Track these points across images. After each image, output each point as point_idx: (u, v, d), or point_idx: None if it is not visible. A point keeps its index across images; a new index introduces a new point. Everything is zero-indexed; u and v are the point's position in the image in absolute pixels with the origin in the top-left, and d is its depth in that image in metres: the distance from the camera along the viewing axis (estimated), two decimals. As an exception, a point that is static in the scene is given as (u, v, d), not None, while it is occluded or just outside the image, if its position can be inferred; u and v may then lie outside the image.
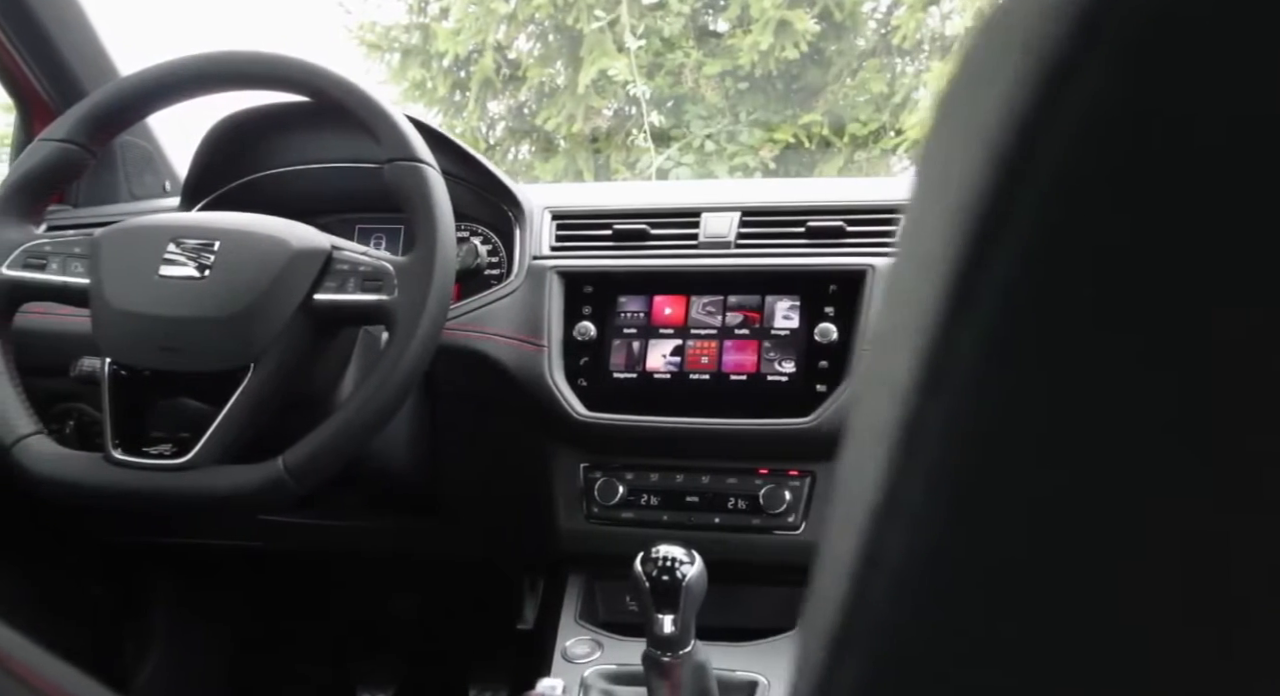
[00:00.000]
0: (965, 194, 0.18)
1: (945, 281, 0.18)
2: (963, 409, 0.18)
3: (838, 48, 4.89)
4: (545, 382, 1.00)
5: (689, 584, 0.80)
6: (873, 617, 0.20)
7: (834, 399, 0.94)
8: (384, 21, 5.09)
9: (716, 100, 4.82)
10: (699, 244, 1.05)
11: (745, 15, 4.76)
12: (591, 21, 4.39)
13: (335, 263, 0.86)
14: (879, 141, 4.74)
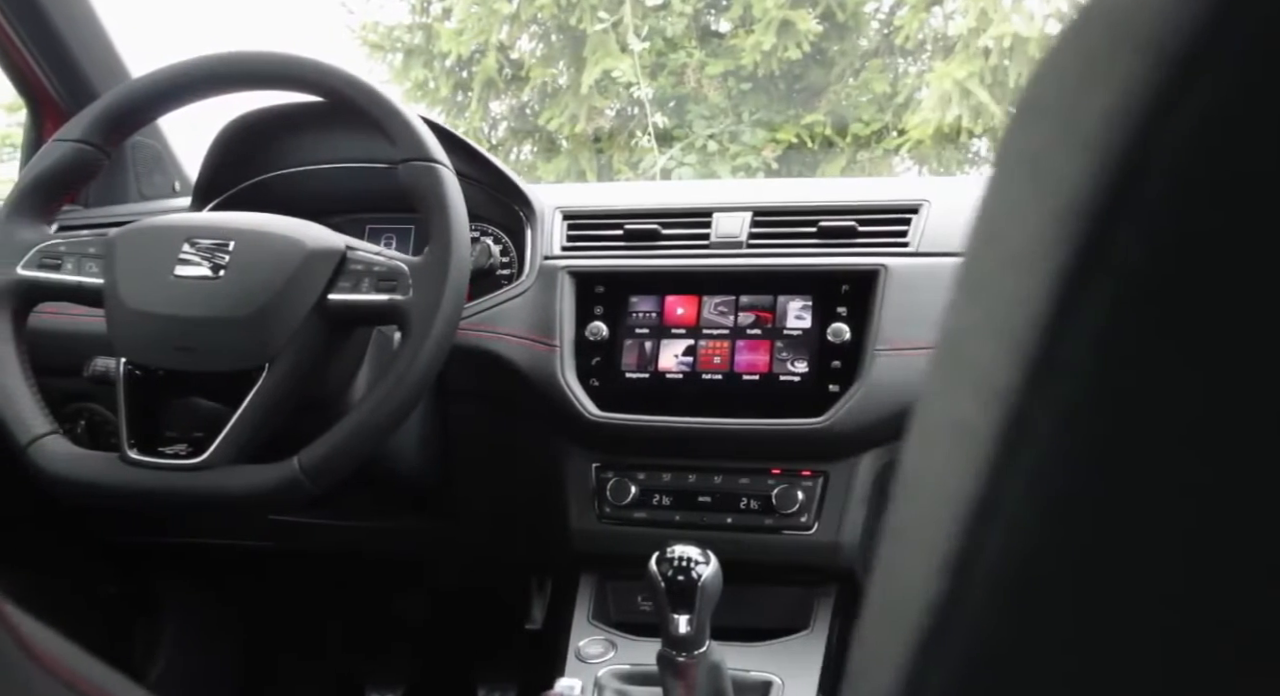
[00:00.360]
0: (1072, 193, 0.18)
1: (1052, 280, 0.18)
2: (1075, 408, 0.18)
3: (840, 48, 4.89)
4: (557, 382, 1.00)
5: (704, 584, 0.80)
6: (966, 619, 0.20)
7: (847, 399, 0.94)
8: (387, 22, 5.10)
9: (719, 100, 4.82)
10: (711, 244, 1.05)
11: (748, 15, 4.76)
12: (595, 23, 4.39)
13: (350, 263, 0.86)
14: (881, 141, 4.74)
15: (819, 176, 4.70)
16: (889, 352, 0.94)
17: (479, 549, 1.21)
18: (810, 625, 0.96)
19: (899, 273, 0.96)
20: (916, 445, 0.24)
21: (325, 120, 1.15)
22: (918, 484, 0.23)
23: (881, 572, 0.25)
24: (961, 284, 0.24)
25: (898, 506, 0.26)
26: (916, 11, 4.45)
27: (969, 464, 0.20)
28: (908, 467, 0.26)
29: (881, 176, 4.72)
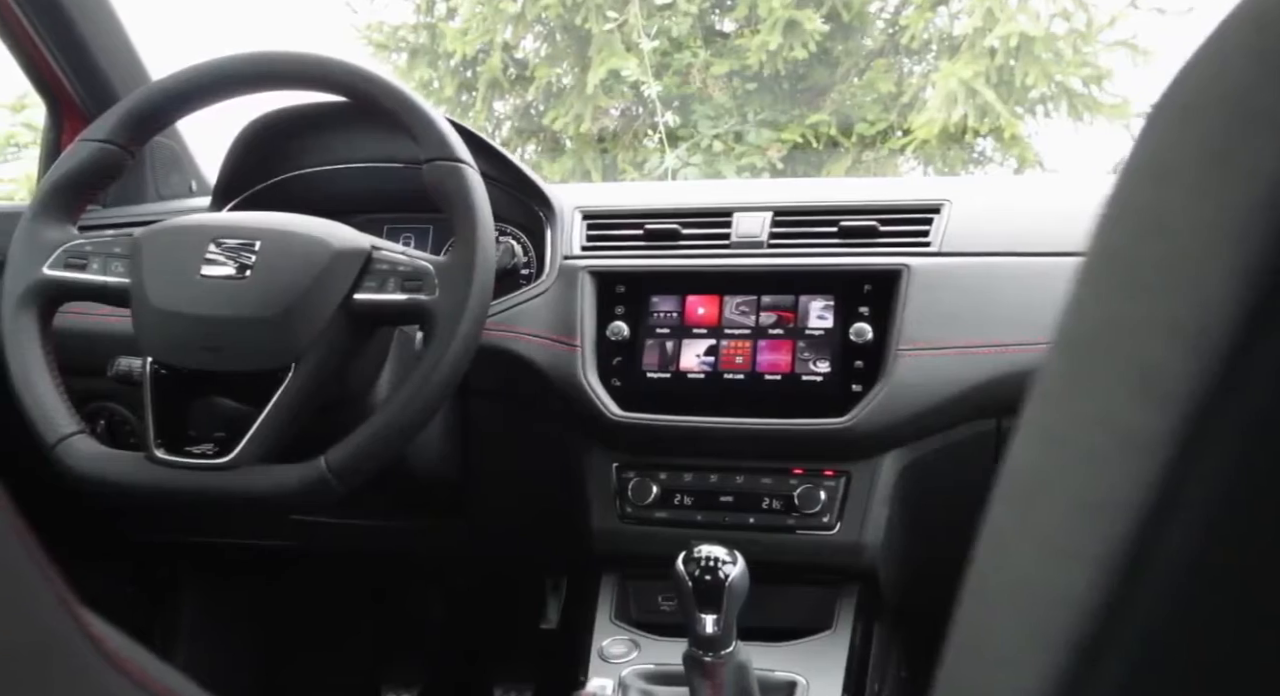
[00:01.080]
0: (1269, 186, 0.18)
1: (1248, 277, 0.18)
2: (1267, 415, 0.18)
3: (845, 47, 4.90)
4: (579, 382, 1.00)
5: (732, 584, 0.80)
6: (1135, 623, 0.20)
7: (870, 398, 0.94)
8: (391, 21, 5.10)
9: (724, 100, 4.82)
10: (731, 244, 1.05)
11: (753, 15, 4.76)
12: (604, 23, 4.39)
13: (375, 262, 0.86)
14: (886, 141, 4.74)
15: (824, 176, 4.71)
16: (912, 352, 0.94)
17: (496, 548, 1.21)
18: (833, 625, 0.96)
19: (922, 272, 0.97)
20: (1037, 443, 0.23)
21: (343, 120, 1.15)
22: (1040, 485, 0.23)
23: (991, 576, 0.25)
24: (1112, 277, 0.23)
25: (1006, 507, 0.25)
26: (922, 11, 4.45)
27: (1133, 468, 0.20)
28: (1022, 467, 0.25)
29: (887, 175, 4.72)
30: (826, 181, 1.90)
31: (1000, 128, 4.19)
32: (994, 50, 4.05)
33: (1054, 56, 4.12)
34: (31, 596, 0.27)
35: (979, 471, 0.97)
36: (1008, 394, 0.93)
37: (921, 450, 0.97)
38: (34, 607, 0.27)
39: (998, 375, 0.93)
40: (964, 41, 4.23)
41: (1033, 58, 4.02)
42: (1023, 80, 4.08)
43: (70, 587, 0.28)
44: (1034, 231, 0.99)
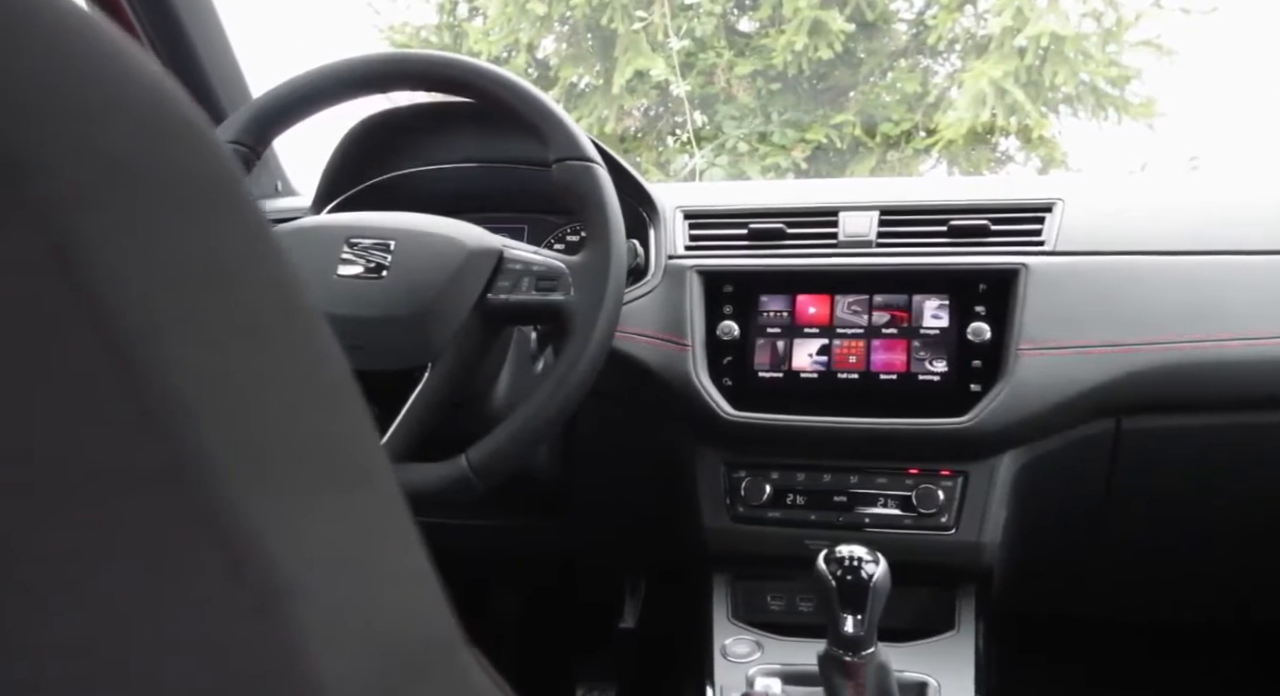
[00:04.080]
0: None
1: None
2: None
3: (868, 47, 4.89)
4: (691, 382, 1.00)
5: (876, 583, 0.80)
6: None
7: (991, 398, 0.94)
8: (415, 22, 5.09)
9: (748, 100, 4.82)
10: (839, 243, 1.05)
11: (777, 15, 4.76)
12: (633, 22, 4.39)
13: (507, 262, 0.86)
14: (910, 141, 4.74)
15: (849, 176, 4.70)
16: (1033, 352, 0.94)
17: (592, 548, 1.21)
18: (956, 626, 0.96)
19: (1040, 272, 0.96)
20: None
21: (436, 122, 1.15)
22: None
23: None
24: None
25: None
26: (949, 11, 4.45)
27: None
28: None
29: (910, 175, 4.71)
30: (930, 180, 1.90)
31: (1028, 127, 4.18)
32: (1023, 50, 4.04)
33: (1083, 56, 4.11)
34: (433, 593, 0.27)
35: (1095, 471, 0.98)
36: (1129, 393, 0.94)
37: (1039, 450, 0.97)
38: (435, 602, 0.27)
39: (1120, 375, 0.93)
40: (992, 41, 4.22)
41: (1062, 57, 4.01)
42: (1051, 80, 4.07)
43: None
44: (1152, 230, 0.99)
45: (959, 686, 0.90)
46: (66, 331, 0.18)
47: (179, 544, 0.19)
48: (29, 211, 0.18)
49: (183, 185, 0.21)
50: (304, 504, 0.23)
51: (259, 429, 0.22)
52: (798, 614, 1.03)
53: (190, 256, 0.21)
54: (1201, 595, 1.11)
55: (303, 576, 0.21)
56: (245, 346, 0.22)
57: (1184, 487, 0.99)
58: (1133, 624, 1.22)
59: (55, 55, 0.19)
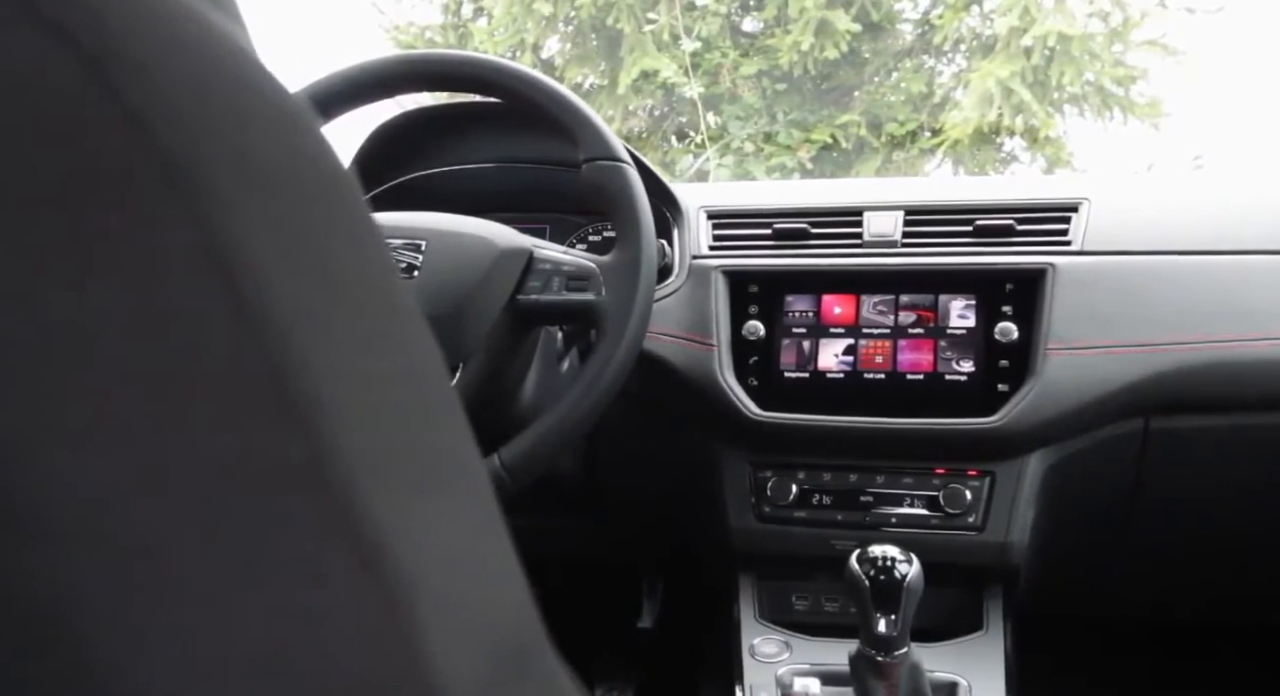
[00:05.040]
0: None
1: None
2: None
3: (873, 47, 4.90)
4: (717, 382, 1.00)
5: (909, 583, 0.80)
6: None
7: (1019, 398, 0.94)
8: (420, 22, 5.10)
9: (753, 100, 4.82)
10: (864, 243, 1.05)
11: (782, 15, 4.76)
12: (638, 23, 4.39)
13: (537, 262, 0.86)
14: (916, 141, 4.74)
15: (854, 176, 4.70)
16: (1062, 352, 0.94)
17: (616, 548, 1.21)
18: (984, 626, 0.96)
19: (1067, 271, 0.96)
20: None
21: (462, 121, 1.15)
22: None
23: None
24: None
25: None
26: (955, 11, 4.45)
27: None
28: None
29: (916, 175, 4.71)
30: (954, 180, 1.90)
31: (1035, 128, 4.18)
32: (1029, 50, 4.04)
33: (1089, 56, 4.12)
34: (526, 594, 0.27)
35: (1122, 470, 0.98)
36: (1158, 393, 0.93)
37: (1067, 450, 0.97)
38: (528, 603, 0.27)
39: (1150, 374, 0.93)
40: (999, 41, 4.22)
41: (1069, 57, 4.01)
42: (1058, 80, 4.07)
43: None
44: (1179, 230, 0.99)
45: (989, 687, 0.90)
46: (217, 330, 0.18)
47: (314, 541, 0.20)
48: (184, 213, 0.18)
49: (308, 184, 0.21)
50: (419, 503, 0.23)
51: (382, 429, 0.22)
52: (823, 614, 1.03)
53: (319, 255, 0.21)
54: (1230, 596, 1.11)
55: (422, 574, 0.21)
56: (367, 346, 0.22)
57: (1212, 487, 0.99)
58: (1160, 625, 1.22)
59: (196, 58, 0.19)
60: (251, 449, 0.19)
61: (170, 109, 0.18)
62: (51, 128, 0.17)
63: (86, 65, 0.17)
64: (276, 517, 0.19)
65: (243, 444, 0.19)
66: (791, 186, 1.30)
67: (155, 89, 0.18)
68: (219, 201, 0.18)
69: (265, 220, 0.19)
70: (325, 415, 0.20)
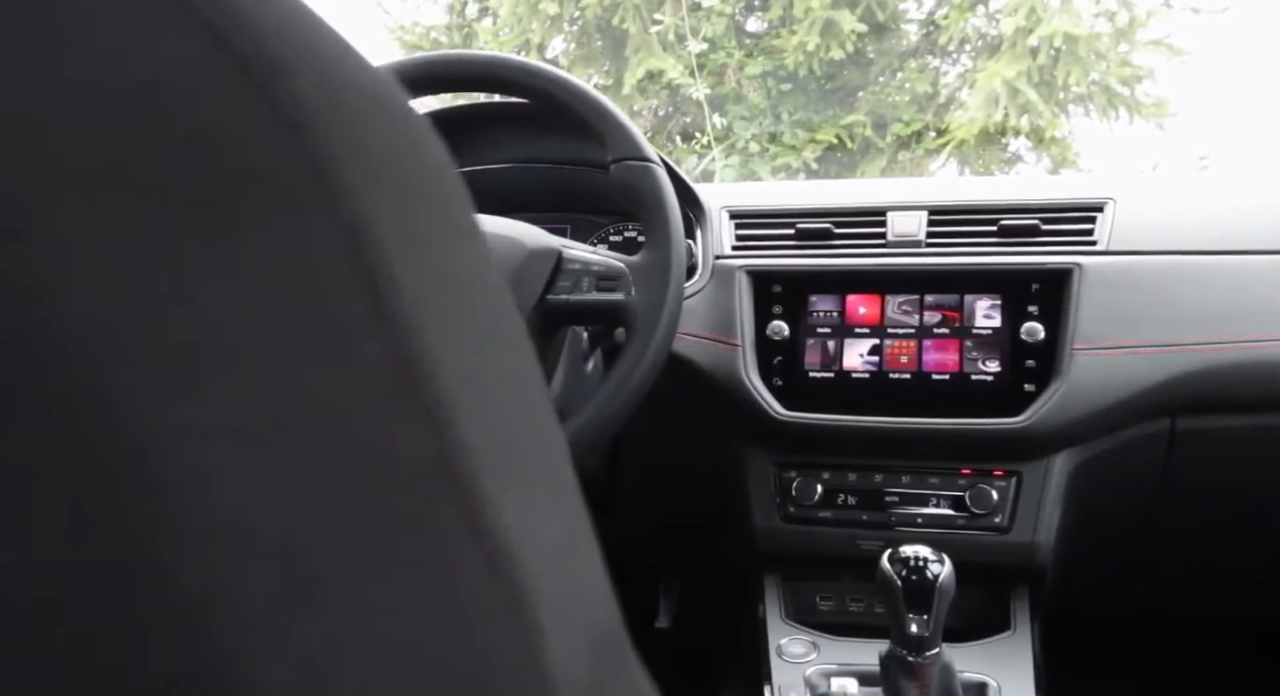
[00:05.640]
0: None
1: None
2: None
3: (878, 48, 4.90)
4: (742, 382, 1.00)
5: (942, 583, 0.79)
6: None
7: (1046, 398, 0.94)
8: (425, 22, 5.10)
9: (759, 100, 4.82)
10: (888, 243, 1.05)
11: (787, 15, 4.76)
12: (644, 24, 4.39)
13: (566, 262, 0.86)
14: (921, 142, 4.74)
15: (859, 176, 4.70)
16: (1089, 352, 0.94)
17: (635, 548, 1.20)
18: (1012, 626, 0.95)
19: (1094, 271, 0.96)
20: None
21: (478, 123, 1.15)
22: None
23: None
24: None
25: None
26: (961, 11, 4.45)
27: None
28: None
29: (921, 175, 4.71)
30: (977, 180, 1.90)
31: (1040, 128, 4.18)
32: (1036, 50, 4.04)
33: (1095, 56, 4.12)
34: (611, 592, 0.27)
35: (1148, 470, 0.98)
36: (1185, 393, 0.93)
37: (1093, 450, 0.97)
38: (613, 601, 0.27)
39: (1177, 375, 0.93)
40: (1005, 41, 4.22)
41: (1075, 57, 4.01)
42: (1064, 80, 4.07)
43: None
44: (1206, 230, 0.99)
45: (1019, 687, 0.89)
46: (358, 329, 0.18)
47: (444, 539, 0.20)
48: (329, 213, 0.18)
49: (431, 187, 0.22)
50: (532, 501, 0.23)
51: (500, 427, 0.22)
52: (849, 614, 1.03)
53: (442, 257, 0.21)
54: (1255, 596, 1.11)
55: (537, 572, 0.21)
56: (485, 346, 0.22)
57: (1238, 487, 0.99)
58: (1186, 624, 1.22)
59: (331, 62, 0.19)
60: (388, 448, 0.19)
61: (313, 110, 0.18)
62: (209, 128, 0.17)
63: (239, 67, 0.17)
64: (410, 516, 0.19)
65: (380, 443, 0.19)
66: (813, 186, 1.29)
67: (299, 90, 0.18)
68: (359, 202, 0.18)
69: (396, 222, 0.20)
70: (454, 414, 0.20)
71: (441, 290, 0.20)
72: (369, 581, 0.19)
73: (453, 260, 0.21)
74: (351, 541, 0.19)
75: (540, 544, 0.22)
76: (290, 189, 0.18)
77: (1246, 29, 4.74)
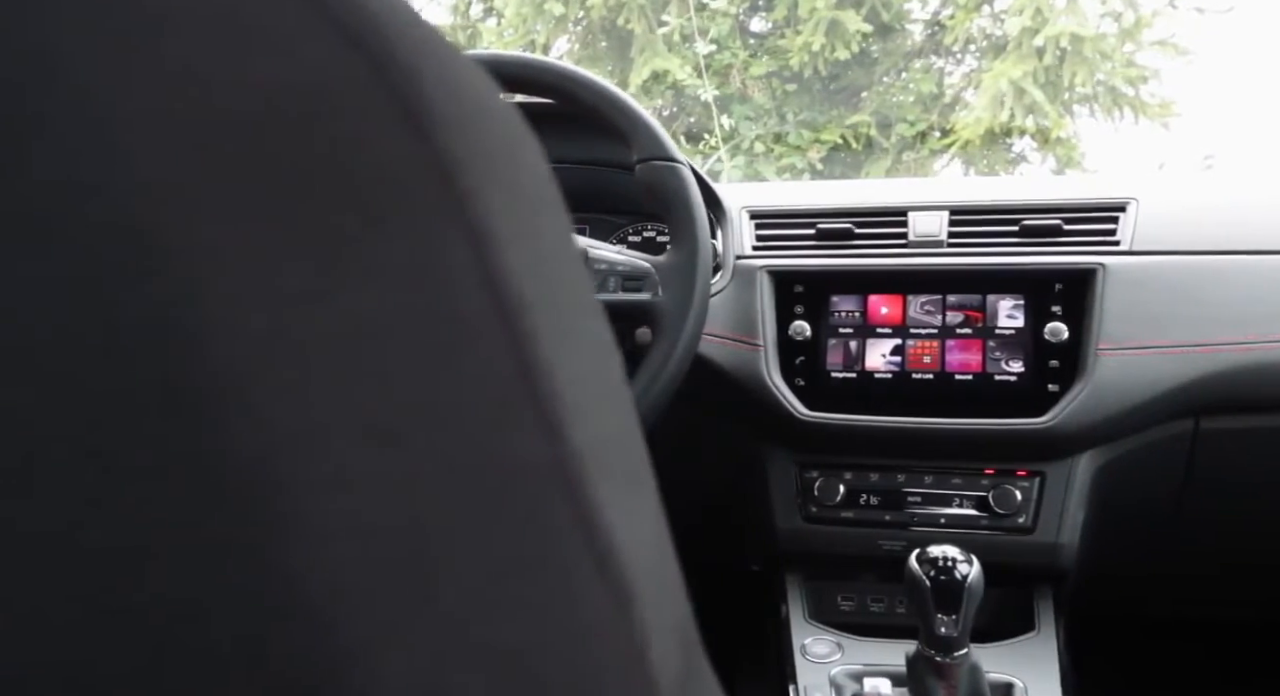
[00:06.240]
0: None
1: None
2: None
3: (883, 48, 4.90)
4: (764, 382, 1.00)
5: (971, 584, 0.79)
6: None
7: (1070, 399, 0.94)
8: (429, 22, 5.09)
9: (763, 101, 4.82)
10: (909, 243, 1.05)
11: (792, 16, 4.76)
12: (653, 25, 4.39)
13: (592, 262, 0.86)
14: (926, 142, 4.74)
15: (864, 177, 4.70)
16: (1113, 352, 0.94)
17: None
18: (1036, 627, 0.95)
19: (1118, 271, 0.96)
20: None
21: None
22: None
23: None
24: None
25: None
26: (967, 12, 4.45)
27: None
28: None
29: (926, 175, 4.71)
30: (998, 180, 1.89)
31: (1046, 128, 4.18)
32: (1041, 50, 4.04)
33: (1100, 56, 4.12)
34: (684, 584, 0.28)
35: (1172, 470, 0.98)
36: (1209, 394, 0.93)
37: (1117, 450, 0.97)
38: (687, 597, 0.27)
39: (1200, 375, 0.93)
40: (1011, 41, 4.22)
41: (1081, 58, 4.01)
42: (1070, 80, 4.07)
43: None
44: (1229, 229, 0.99)
45: (1045, 688, 0.89)
46: (482, 331, 0.18)
47: (558, 540, 0.20)
48: (457, 215, 0.18)
49: (536, 190, 0.22)
50: (630, 502, 0.23)
51: (602, 429, 0.22)
52: (869, 614, 1.02)
53: (550, 261, 0.21)
54: (1278, 594, 1.11)
55: (639, 573, 0.22)
56: (586, 348, 0.22)
57: (1263, 487, 0.99)
58: (1210, 622, 1.22)
59: (450, 64, 0.20)
60: (507, 449, 0.19)
61: (440, 113, 0.18)
62: (347, 130, 0.17)
63: (373, 69, 0.18)
64: (526, 517, 0.19)
65: (500, 445, 0.19)
66: (832, 186, 1.29)
67: (426, 93, 0.18)
68: (481, 204, 0.19)
69: (510, 223, 0.20)
70: (565, 416, 0.20)
71: (548, 291, 0.20)
72: (487, 582, 0.19)
73: (556, 261, 0.21)
74: (471, 542, 0.19)
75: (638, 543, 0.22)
76: (420, 192, 0.18)
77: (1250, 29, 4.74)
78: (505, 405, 0.19)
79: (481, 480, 0.19)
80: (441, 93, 0.19)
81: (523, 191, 0.21)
